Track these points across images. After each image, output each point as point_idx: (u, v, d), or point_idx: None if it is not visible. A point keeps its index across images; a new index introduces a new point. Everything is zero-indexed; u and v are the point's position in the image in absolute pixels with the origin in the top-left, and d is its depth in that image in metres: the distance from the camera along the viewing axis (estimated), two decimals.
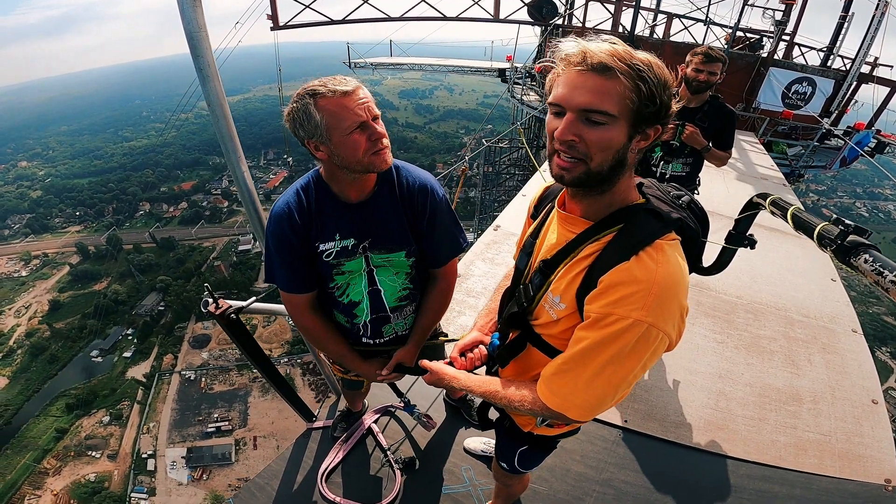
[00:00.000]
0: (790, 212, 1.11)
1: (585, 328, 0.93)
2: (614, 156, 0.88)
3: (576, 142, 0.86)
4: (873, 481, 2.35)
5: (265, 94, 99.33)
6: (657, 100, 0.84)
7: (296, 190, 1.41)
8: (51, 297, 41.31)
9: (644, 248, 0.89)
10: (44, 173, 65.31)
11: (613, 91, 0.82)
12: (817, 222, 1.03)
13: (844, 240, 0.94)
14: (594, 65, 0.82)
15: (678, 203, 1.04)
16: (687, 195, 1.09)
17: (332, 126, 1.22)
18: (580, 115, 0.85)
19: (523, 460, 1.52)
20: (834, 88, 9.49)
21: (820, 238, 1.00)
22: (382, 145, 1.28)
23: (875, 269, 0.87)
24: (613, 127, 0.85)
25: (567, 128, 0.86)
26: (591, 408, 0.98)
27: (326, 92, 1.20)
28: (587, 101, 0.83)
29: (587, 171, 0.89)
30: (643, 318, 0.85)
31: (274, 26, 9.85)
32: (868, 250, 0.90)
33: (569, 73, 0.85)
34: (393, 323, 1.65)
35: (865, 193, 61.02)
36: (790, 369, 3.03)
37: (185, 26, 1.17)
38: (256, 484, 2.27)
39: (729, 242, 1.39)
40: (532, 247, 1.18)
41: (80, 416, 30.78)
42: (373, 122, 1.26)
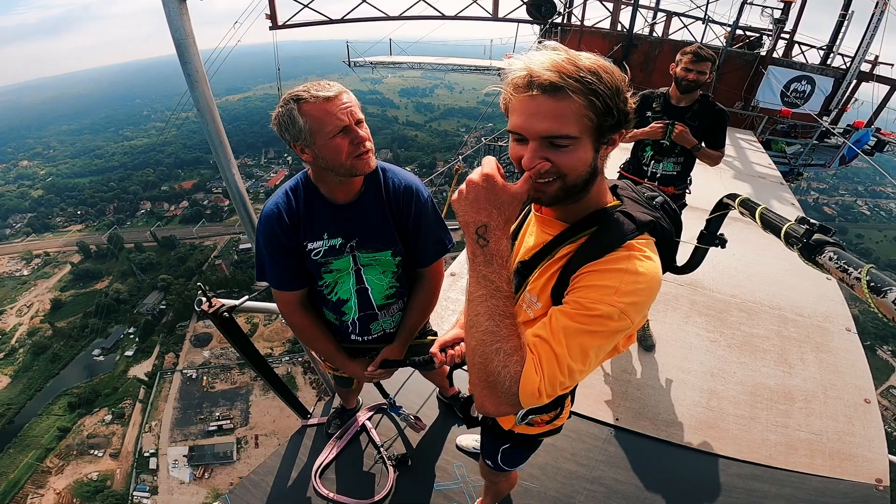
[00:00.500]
0: (758, 211, 1.13)
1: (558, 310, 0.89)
2: (586, 171, 0.88)
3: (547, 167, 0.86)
4: (864, 481, 2.35)
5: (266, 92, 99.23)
6: (614, 111, 0.83)
7: (285, 191, 1.46)
8: (52, 296, 41.38)
9: (617, 248, 0.91)
10: (45, 172, 65.39)
11: (569, 112, 0.81)
12: (784, 221, 1.05)
13: (810, 238, 0.95)
14: (543, 86, 0.80)
15: (652, 204, 1.06)
16: (661, 196, 1.10)
17: (315, 130, 1.26)
18: (543, 142, 0.84)
19: (506, 458, 1.53)
20: (833, 87, 9.46)
21: (787, 237, 1.01)
22: (365, 148, 1.32)
23: (840, 266, 0.88)
24: (579, 146, 0.84)
25: (533, 155, 0.85)
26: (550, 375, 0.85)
27: (309, 97, 1.23)
28: (546, 129, 0.82)
29: (563, 186, 0.88)
30: (615, 304, 0.84)
31: (273, 26, 9.86)
32: (833, 248, 0.92)
33: (520, 98, 0.84)
34: (381, 320, 1.69)
35: (867, 192, 60.88)
36: (783, 368, 3.04)
37: (173, 33, 1.20)
38: (252, 480, 2.30)
39: (700, 242, 1.41)
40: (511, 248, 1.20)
41: (83, 415, 30.83)
42: (355, 126, 1.29)
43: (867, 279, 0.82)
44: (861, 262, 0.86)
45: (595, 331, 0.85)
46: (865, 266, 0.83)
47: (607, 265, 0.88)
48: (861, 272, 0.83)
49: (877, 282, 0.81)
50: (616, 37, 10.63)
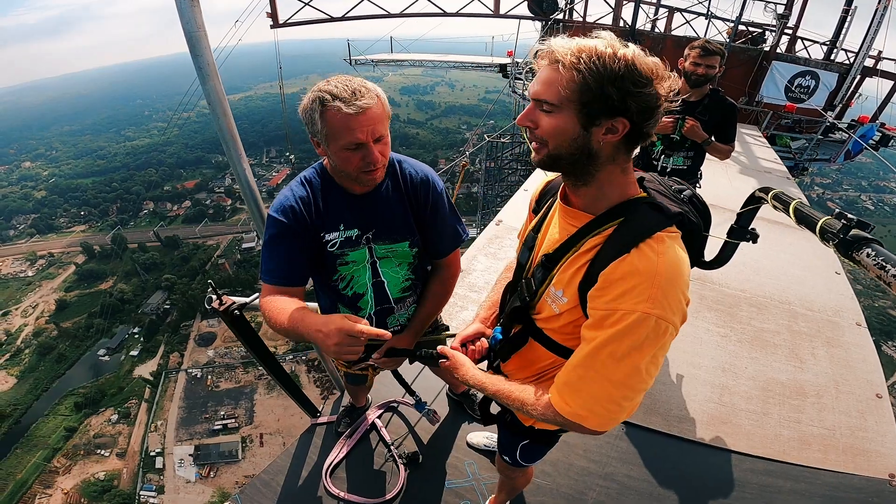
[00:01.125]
0: (792, 206, 1.10)
1: (592, 327, 0.92)
2: (570, 143, 0.91)
3: (532, 127, 0.95)
4: (877, 476, 2.34)
5: (266, 91, 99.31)
6: (602, 90, 0.84)
7: (300, 181, 1.43)
8: (57, 296, 41.56)
9: (644, 240, 0.89)
10: (48, 173, 65.57)
11: (557, 81, 0.87)
12: (819, 216, 1.02)
13: (847, 234, 0.93)
14: (550, 58, 0.89)
15: (679, 197, 1.04)
16: (689, 189, 1.08)
17: (330, 137, 1.25)
18: (537, 104, 0.93)
19: (525, 454, 1.52)
20: (837, 82, 9.40)
21: (822, 232, 0.99)
22: (374, 167, 1.30)
23: (878, 263, 0.86)
24: (559, 114, 0.90)
25: (525, 114, 0.96)
26: (607, 414, 0.94)
27: (333, 107, 1.19)
28: (535, 91, 0.92)
29: (548, 153, 0.95)
30: (650, 311, 0.84)
31: (273, 24, 9.84)
32: (870, 244, 0.89)
33: (539, 67, 0.93)
34: (397, 314, 1.67)
35: (871, 186, 60.54)
36: (794, 363, 3.02)
37: (184, 25, 1.18)
38: (262, 479, 2.29)
39: (731, 237, 1.39)
40: (534, 241, 1.18)
41: (89, 415, 30.96)
42: (372, 145, 1.26)
43: None
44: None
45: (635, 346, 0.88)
46: None
47: (634, 264, 0.87)
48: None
49: None
50: (618, 33, 10.46)
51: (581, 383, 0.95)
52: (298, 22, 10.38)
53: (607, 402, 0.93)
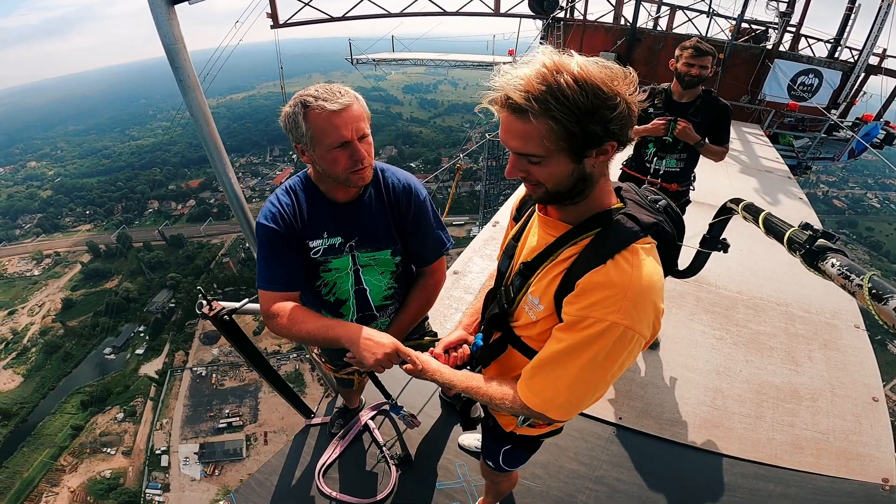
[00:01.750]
0: (761, 217, 1.11)
1: (563, 330, 0.96)
2: (567, 180, 0.91)
3: (526, 176, 0.93)
4: (870, 480, 2.33)
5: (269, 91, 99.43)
6: (585, 130, 0.82)
7: (285, 189, 1.45)
8: (63, 295, 41.89)
9: (620, 251, 0.91)
10: (53, 173, 66.03)
11: (534, 134, 0.84)
12: (787, 227, 1.03)
13: (812, 244, 0.94)
14: (512, 105, 0.83)
15: (655, 207, 1.06)
16: (663, 199, 1.10)
17: (316, 139, 1.26)
18: (519, 156, 0.90)
19: (507, 459, 1.54)
20: (841, 80, 9.31)
21: (790, 242, 1.00)
22: (362, 165, 1.31)
23: (842, 272, 0.87)
24: (551, 161, 0.88)
25: (513, 166, 0.93)
26: (570, 408, 1.02)
27: (316, 106, 1.22)
28: (516, 147, 0.88)
29: (547, 191, 0.94)
30: (619, 321, 0.88)
31: (274, 25, 9.86)
32: (835, 254, 0.90)
33: (499, 112, 0.88)
34: (379, 321, 1.69)
35: (877, 184, 59.99)
36: (790, 366, 3.00)
37: (163, 39, 1.19)
38: (256, 479, 2.32)
39: (703, 246, 1.39)
40: (514, 249, 1.20)
41: (95, 414, 31.20)
42: (357, 142, 1.28)
43: (869, 286, 0.80)
44: (863, 269, 0.84)
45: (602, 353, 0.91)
46: (867, 273, 0.82)
47: (608, 275, 0.90)
48: (863, 279, 0.82)
49: (878, 289, 0.79)
50: (619, 31, 10.51)
51: (549, 380, 1.00)
52: (298, 22, 10.40)
53: (570, 397, 1.00)
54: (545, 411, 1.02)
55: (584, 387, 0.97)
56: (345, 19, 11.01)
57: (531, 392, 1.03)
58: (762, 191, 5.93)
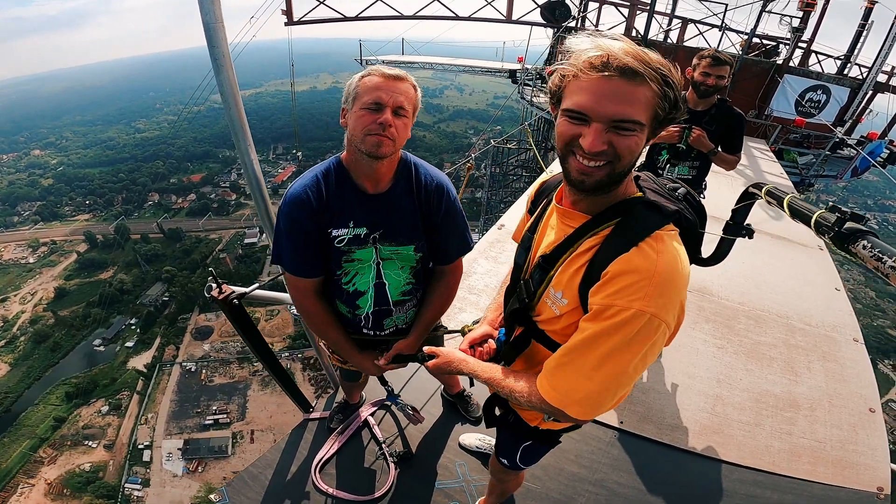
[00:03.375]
0: (786, 200, 1.10)
1: (588, 319, 0.93)
2: (636, 158, 0.89)
3: (605, 150, 0.85)
4: (865, 489, 2.33)
5: (277, 89, 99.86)
6: (679, 107, 0.85)
7: (315, 174, 1.43)
8: (57, 284, 41.70)
9: (644, 238, 0.89)
10: (56, 162, 66.06)
11: (643, 99, 0.82)
12: (814, 210, 1.02)
13: (842, 227, 0.93)
14: (622, 69, 0.79)
15: (674, 195, 1.05)
16: (682, 187, 1.09)
17: (357, 96, 1.31)
18: (609, 125, 0.83)
19: (525, 456, 1.51)
20: (849, 97, 9.37)
21: (817, 226, 0.99)
22: (382, 131, 1.30)
23: (874, 254, 0.86)
24: (641, 134, 0.85)
25: (597, 139, 0.84)
26: (590, 404, 0.95)
27: (375, 71, 1.31)
28: (618, 112, 0.81)
29: (610, 173, 0.88)
30: (645, 308, 0.85)
31: (288, 21, 9.91)
32: (866, 236, 0.89)
33: (590, 77, 0.82)
34: (394, 316, 1.67)
35: (876, 205, 60.32)
36: (789, 376, 3.01)
37: (203, 17, 1.22)
38: (250, 473, 2.28)
39: (727, 233, 1.39)
40: (530, 241, 1.18)
41: (79, 406, 30.90)
42: (389, 110, 1.30)
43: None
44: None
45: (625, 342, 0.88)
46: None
47: (633, 262, 0.88)
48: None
49: None
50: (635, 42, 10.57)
51: (568, 372, 0.96)
52: (313, 20, 10.45)
53: (591, 393, 0.94)
54: (563, 407, 0.97)
55: (605, 380, 0.91)
56: (358, 19, 11.08)
57: (549, 385, 0.99)
58: (765, 205, 5.96)
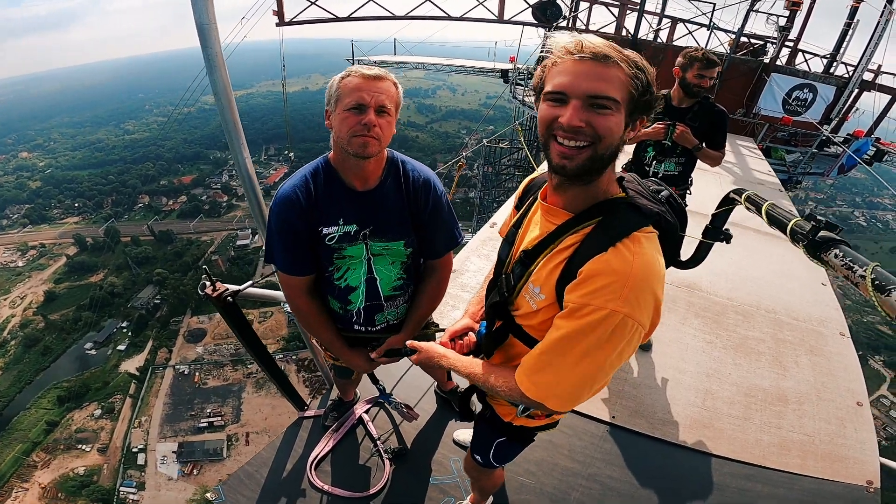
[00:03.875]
0: (764, 207, 1.13)
1: (563, 317, 0.95)
2: (616, 143, 0.91)
3: (583, 128, 0.88)
4: (855, 482, 2.37)
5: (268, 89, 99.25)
6: (651, 89, 0.89)
7: (304, 174, 1.46)
8: (46, 287, 41.17)
9: (622, 239, 0.91)
10: (44, 164, 65.23)
11: (616, 78, 0.87)
12: (790, 218, 1.05)
13: (815, 235, 0.96)
14: (595, 53, 0.86)
15: (657, 197, 1.06)
16: (665, 190, 1.10)
17: (339, 98, 1.33)
18: (586, 102, 0.87)
19: (498, 453, 1.52)
20: (835, 95, 9.51)
21: (792, 233, 1.02)
22: (367, 132, 1.32)
23: (845, 263, 0.88)
24: (617, 113, 0.89)
25: (575, 114, 0.87)
26: (568, 398, 0.99)
27: (354, 72, 1.33)
28: (593, 88, 0.86)
29: (592, 155, 0.91)
30: (619, 309, 0.87)
31: (280, 22, 9.86)
32: (839, 245, 0.92)
33: (567, 62, 0.89)
34: (385, 312, 1.69)
35: (864, 203, 61.19)
36: (777, 370, 3.06)
37: (196, 18, 1.23)
38: (245, 471, 2.29)
39: (705, 237, 1.42)
40: (514, 236, 1.20)
41: (72, 409, 30.59)
42: (373, 111, 1.31)
43: (872, 277, 0.82)
44: (866, 260, 0.86)
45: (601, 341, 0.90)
46: (871, 265, 0.84)
47: (610, 263, 0.90)
48: (866, 270, 0.84)
49: (882, 280, 0.81)
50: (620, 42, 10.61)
51: (547, 368, 0.99)
52: (304, 21, 10.40)
53: (569, 387, 0.98)
54: (543, 400, 1.00)
55: (582, 376, 0.95)
56: (350, 20, 11.05)
57: (529, 380, 1.02)
58: None
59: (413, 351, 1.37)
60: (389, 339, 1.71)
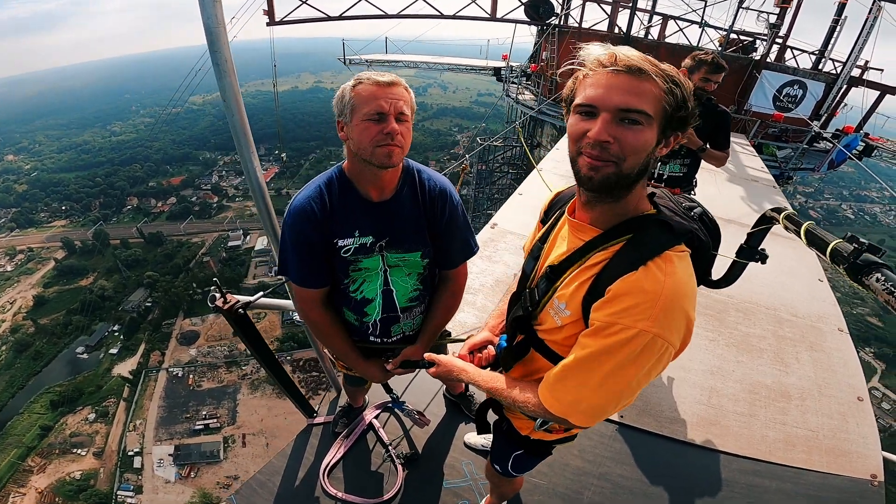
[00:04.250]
0: (804, 228, 1.12)
1: (589, 335, 0.94)
2: (645, 159, 0.88)
3: (610, 143, 0.85)
4: (859, 476, 2.42)
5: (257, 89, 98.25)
6: (688, 104, 0.88)
7: (318, 185, 1.42)
8: (35, 292, 40.61)
9: (653, 258, 0.89)
10: (30, 167, 64.23)
11: (650, 92, 0.84)
12: (831, 239, 1.03)
13: (857, 258, 0.94)
14: (629, 66, 0.84)
15: (690, 215, 1.05)
16: (699, 207, 1.09)
17: (355, 108, 1.28)
18: (616, 116, 0.85)
19: (517, 464, 1.53)
20: (824, 91, 9.64)
21: (833, 255, 1.01)
22: (391, 141, 1.29)
23: (887, 288, 0.87)
24: (648, 129, 0.86)
25: (604, 128, 0.85)
26: (594, 414, 0.99)
27: (366, 79, 1.28)
28: (625, 101, 0.84)
29: (618, 173, 0.88)
30: (648, 329, 0.86)
31: (270, 21, 9.77)
32: (881, 269, 0.91)
33: (599, 74, 0.86)
34: (402, 323, 1.67)
35: (852, 196, 62.11)
36: (779, 367, 3.10)
37: (205, 21, 1.20)
38: (258, 480, 2.28)
39: (739, 256, 1.40)
40: (540, 251, 1.18)
41: (65, 414, 30.30)
42: (393, 118, 1.28)
43: None
44: None
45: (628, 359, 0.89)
46: None
47: (640, 282, 0.88)
48: None
49: None
50: (613, 39, 10.73)
51: (572, 386, 0.98)
52: (295, 20, 10.32)
53: (594, 404, 0.97)
54: (567, 416, 1.00)
55: (609, 394, 0.94)
56: (342, 19, 10.98)
57: (553, 397, 1.01)
58: (749, 199, 6.11)
59: (431, 363, 1.37)
60: (405, 350, 1.69)
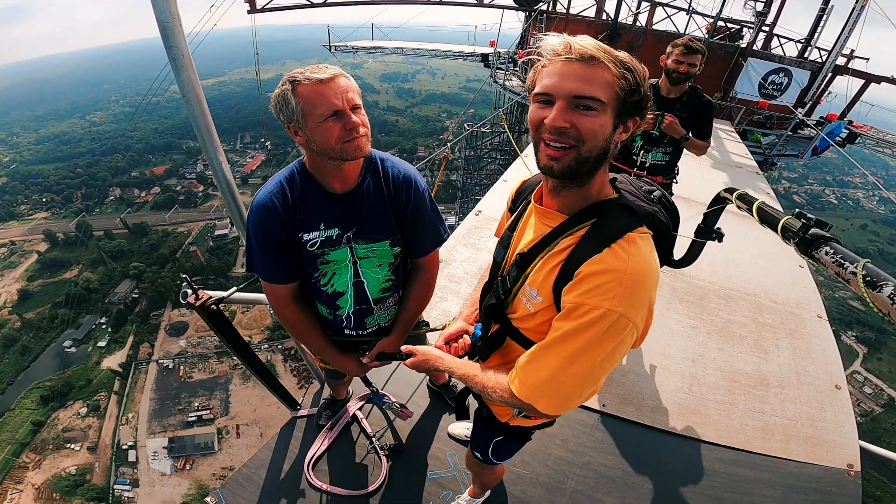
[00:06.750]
0: (755, 205, 1.15)
1: (560, 318, 0.96)
2: (602, 145, 0.91)
3: (567, 128, 0.88)
4: (836, 466, 2.45)
5: (241, 77, 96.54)
6: (641, 90, 0.89)
7: (279, 181, 1.40)
8: (20, 286, 39.90)
9: (617, 240, 0.92)
10: (8, 159, 62.57)
11: (602, 79, 0.86)
12: (781, 216, 1.07)
13: (806, 233, 0.97)
14: (582, 55, 0.86)
15: (650, 198, 1.07)
16: (658, 190, 1.11)
17: (307, 112, 1.23)
18: (571, 103, 0.87)
19: (497, 451, 1.54)
20: (809, 79, 9.71)
21: (783, 231, 1.03)
22: (357, 134, 1.27)
23: (836, 260, 0.90)
24: (603, 114, 0.88)
25: (560, 115, 0.88)
26: (558, 398, 0.99)
27: (303, 79, 1.21)
28: (578, 88, 0.86)
29: (577, 157, 0.91)
30: (614, 308, 0.88)
31: (251, 9, 9.52)
32: (829, 243, 0.94)
33: (555, 63, 0.89)
34: (376, 314, 1.66)
35: (835, 181, 63.12)
36: (759, 354, 3.14)
37: (158, 15, 1.12)
38: (243, 474, 2.27)
39: (698, 236, 1.43)
40: (510, 240, 1.20)
41: (57, 409, 30.05)
42: (350, 112, 1.25)
43: (863, 273, 0.83)
44: (857, 257, 0.88)
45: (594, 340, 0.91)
46: (861, 261, 0.85)
47: (605, 262, 0.91)
48: (857, 267, 0.85)
49: (873, 276, 0.83)
50: (601, 25, 10.65)
51: (537, 369, 0.99)
52: (277, 7, 10.06)
53: (559, 388, 0.98)
54: (532, 401, 1.00)
55: (573, 377, 0.95)
56: (325, 5, 10.73)
57: (519, 381, 1.02)
58: (732, 185, 6.14)
59: (408, 355, 1.37)
60: (380, 342, 1.69)
